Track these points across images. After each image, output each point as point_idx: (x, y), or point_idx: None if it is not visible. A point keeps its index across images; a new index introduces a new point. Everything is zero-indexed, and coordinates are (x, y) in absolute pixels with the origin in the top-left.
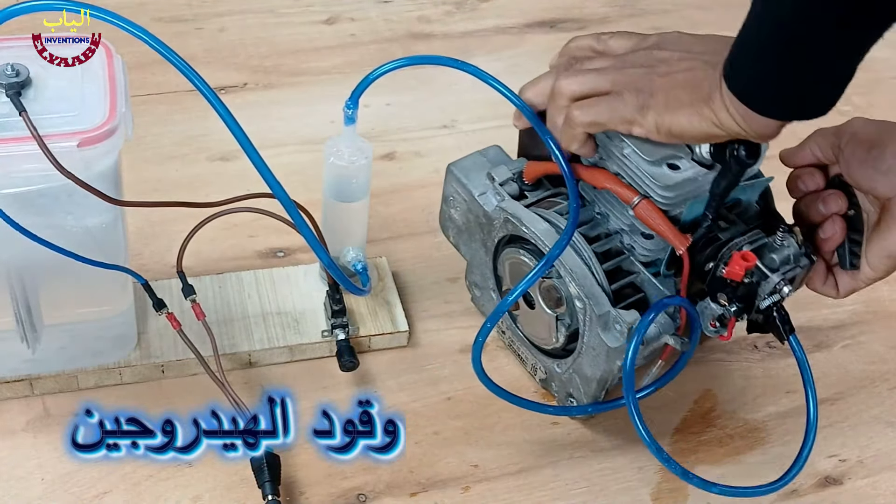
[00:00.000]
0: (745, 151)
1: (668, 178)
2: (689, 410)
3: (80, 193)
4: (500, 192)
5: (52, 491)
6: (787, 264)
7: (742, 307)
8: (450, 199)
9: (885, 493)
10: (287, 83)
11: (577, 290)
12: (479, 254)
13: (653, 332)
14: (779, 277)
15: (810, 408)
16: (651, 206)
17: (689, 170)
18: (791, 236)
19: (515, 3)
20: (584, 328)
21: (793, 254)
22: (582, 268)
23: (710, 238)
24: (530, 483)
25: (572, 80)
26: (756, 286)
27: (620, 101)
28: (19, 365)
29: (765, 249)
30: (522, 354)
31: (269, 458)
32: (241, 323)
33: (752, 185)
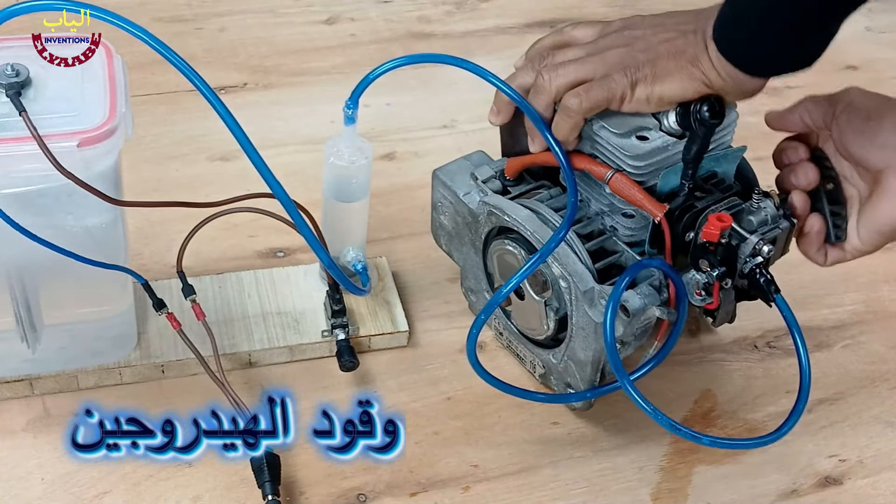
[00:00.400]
0: (708, 111)
1: (638, 148)
2: (689, 410)
3: (80, 193)
4: (483, 189)
5: (52, 491)
6: (764, 225)
7: (724, 271)
8: (438, 205)
9: (885, 493)
10: (287, 83)
11: (560, 270)
12: (470, 256)
13: (637, 303)
14: (757, 238)
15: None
16: (625, 178)
17: (657, 139)
18: (768, 199)
19: (515, 3)
20: (572, 308)
21: (770, 215)
22: (563, 247)
23: (687, 207)
24: (530, 483)
25: (555, 74)
26: (735, 249)
27: (611, 80)
28: (19, 365)
29: (742, 213)
30: (521, 353)
31: (269, 458)
32: (241, 323)
33: (724, 154)
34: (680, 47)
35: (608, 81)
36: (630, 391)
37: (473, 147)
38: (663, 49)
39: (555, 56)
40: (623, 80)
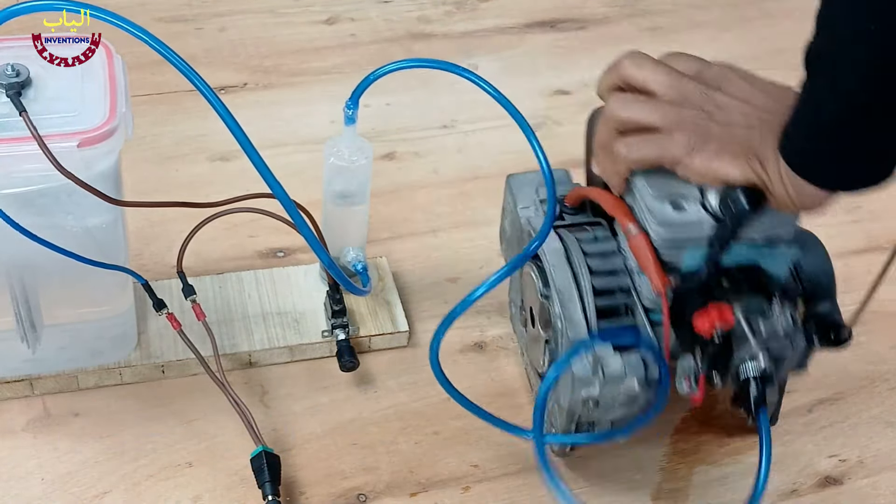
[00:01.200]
0: (745, 198)
1: (666, 214)
2: (689, 410)
3: (81, 193)
4: (539, 208)
5: (52, 491)
6: (773, 335)
7: (712, 366)
8: (505, 209)
9: (885, 493)
10: (287, 83)
11: (559, 310)
12: None
13: (617, 368)
14: (758, 344)
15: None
16: (644, 241)
17: (692, 213)
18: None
19: (515, 3)
20: (559, 353)
21: (784, 327)
22: (571, 291)
23: (703, 291)
24: (530, 483)
25: (622, 106)
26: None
27: (670, 140)
28: (19, 365)
29: (755, 315)
30: (532, 381)
31: (269, 458)
32: (242, 323)
33: (771, 251)
34: (754, 140)
35: (665, 139)
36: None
37: (473, 147)
38: (739, 133)
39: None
40: (683, 142)
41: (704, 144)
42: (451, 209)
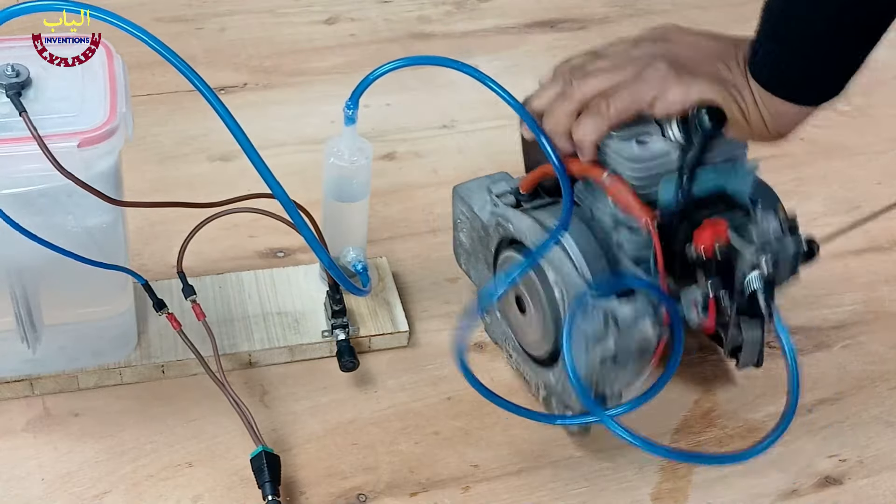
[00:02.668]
0: (707, 115)
1: (636, 151)
2: (689, 410)
3: (81, 194)
4: (496, 202)
5: (52, 491)
6: (765, 241)
7: (719, 284)
8: (457, 221)
9: (885, 493)
10: (287, 83)
11: (553, 277)
12: (484, 273)
13: (628, 313)
14: (755, 249)
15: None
16: (619, 181)
17: (657, 144)
18: (772, 212)
19: (515, 3)
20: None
21: (772, 230)
22: (560, 256)
23: (685, 219)
24: (530, 483)
25: (584, 81)
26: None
27: (641, 80)
28: (19, 365)
29: (743, 226)
30: (527, 376)
31: (269, 458)
32: (242, 323)
33: (733, 169)
34: (721, 71)
35: (638, 82)
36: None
37: (473, 147)
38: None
39: (584, 66)
40: (655, 76)
41: (676, 75)
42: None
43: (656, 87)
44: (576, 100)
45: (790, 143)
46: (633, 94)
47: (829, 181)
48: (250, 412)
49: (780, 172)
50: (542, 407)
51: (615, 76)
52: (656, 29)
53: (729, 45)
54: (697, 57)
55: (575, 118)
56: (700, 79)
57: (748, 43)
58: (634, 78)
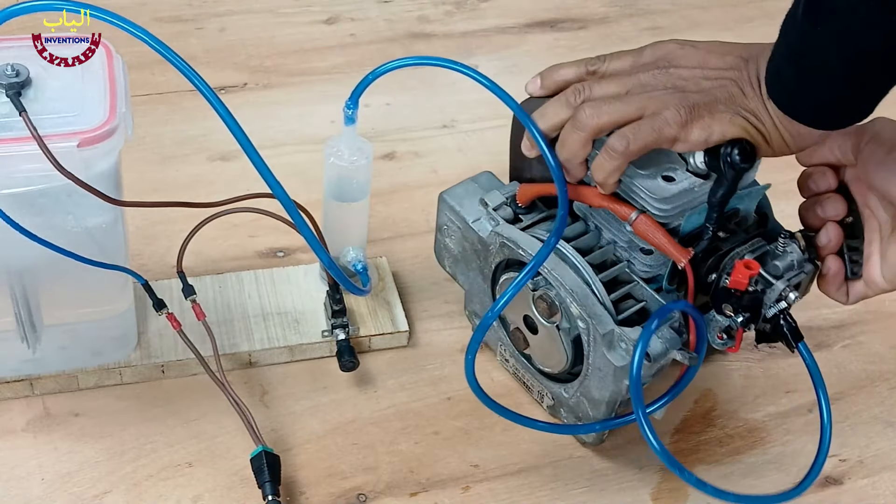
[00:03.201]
0: (739, 155)
1: (664, 190)
2: (689, 410)
3: (81, 193)
4: (494, 217)
5: (52, 491)
6: (790, 270)
7: (749, 317)
8: (444, 227)
9: (885, 493)
10: (287, 83)
11: (578, 311)
12: (477, 282)
13: (659, 347)
14: (784, 284)
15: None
16: (650, 221)
17: (684, 181)
18: (793, 242)
19: (515, 3)
20: (589, 349)
21: (796, 259)
22: (582, 287)
23: (711, 249)
24: (530, 483)
25: (598, 111)
26: (761, 294)
27: (663, 122)
28: (19, 365)
29: (767, 257)
30: (527, 382)
31: (269, 458)
32: (242, 323)
33: (748, 193)
34: (737, 98)
35: (659, 123)
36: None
37: (474, 147)
38: (720, 94)
39: (592, 89)
40: (675, 119)
41: (694, 113)
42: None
43: (676, 128)
44: (589, 130)
45: None
46: (654, 133)
47: None
48: (250, 412)
49: (781, 172)
50: (543, 410)
51: (628, 107)
52: (657, 47)
53: (738, 60)
54: (709, 84)
55: (589, 147)
56: (717, 115)
57: (758, 57)
58: (651, 115)
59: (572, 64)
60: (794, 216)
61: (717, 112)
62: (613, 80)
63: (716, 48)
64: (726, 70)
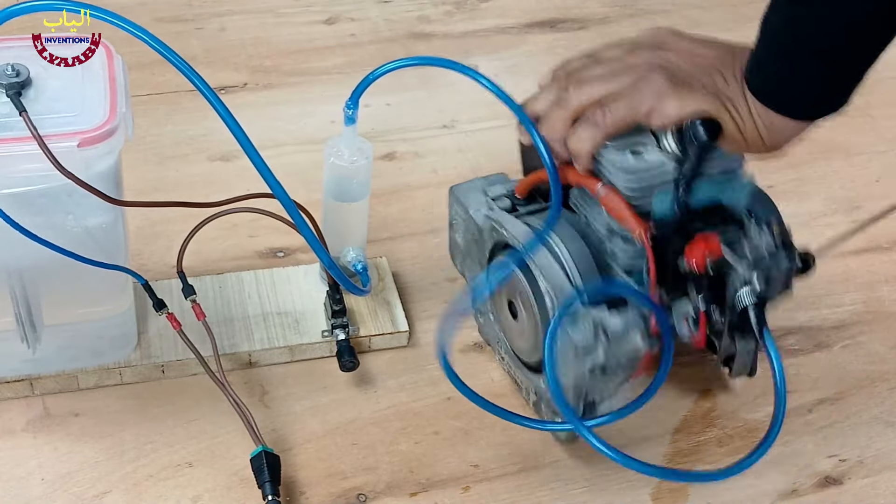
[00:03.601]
0: (704, 130)
1: (629, 162)
2: (689, 410)
3: (81, 193)
4: (492, 205)
5: (52, 491)
6: (759, 258)
7: (710, 300)
8: (453, 222)
9: (885, 493)
10: (287, 83)
11: (545, 284)
12: (479, 275)
13: (618, 324)
14: (748, 265)
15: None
16: (613, 193)
17: (652, 155)
18: (767, 231)
19: (515, 3)
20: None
21: (766, 247)
22: (553, 265)
23: (677, 231)
24: (530, 483)
25: (580, 88)
26: (724, 277)
27: (637, 91)
28: (19, 365)
29: (736, 242)
30: (518, 379)
31: (268, 458)
32: (242, 323)
33: (730, 183)
34: (718, 83)
35: (634, 93)
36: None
37: (473, 147)
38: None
39: (582, 71)
40: (652, 89)
41: (673, 87)
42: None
43: (652, 99)
44: (571, 107)
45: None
46: (630, 106)
47: (829, 181)
48: (250, 412)
49: (781, 172)
50: (532, 411)
51: (611, 84)
52: (653, 33)
53: (727, 53)
54: (694, 68)
55: (571, 125)
56: (696, 92)
57: (746, 52)
58: (631, 88)
59: (579, 55)
60: (794, 215)
61: (696, 89)
62: (604, 62)
63: (708, 41)
64: (713, 58)
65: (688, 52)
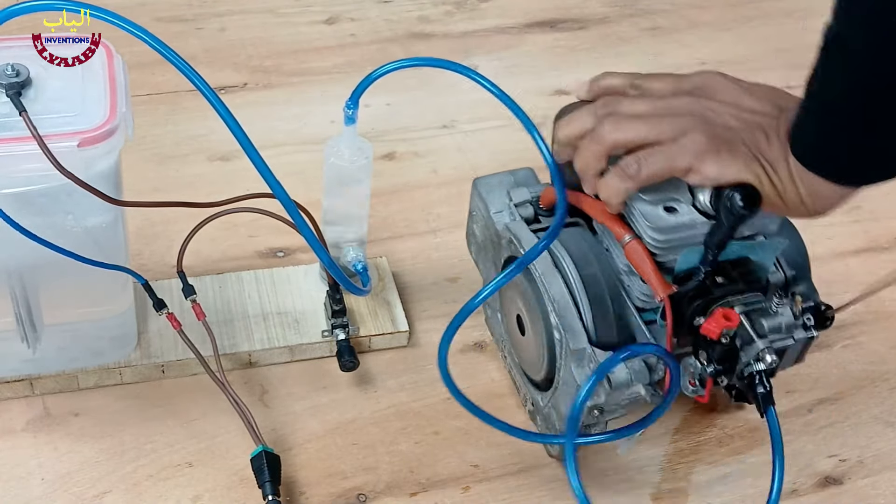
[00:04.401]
0: (741, 199)
1: (661, 219)
2: (689, 410)
3: (81, 192)
4: (514, 212)
5: (52, 491)
6: (777, 332)
7: (721, 369)
8: (473, 213)
9: (885, 493)
10: (287, 83)
11: (555, 321)
12: (491, 272)
13: (623, 377)
14: (764, 344)
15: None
16: (640, 247)
17: (685, 215)
18: (788, 304)
19: (515, 3)
20: (561, 362)
21: (785, 323)
22: (566, 299)
23: (701, 292)
24: (530, 483)
25: (617, 127)
26: (738, 350)
27: (679, 149)
28: (19, 365)
29: (756, 314)
30: (517, 382)
31: (269, 457)
32: (242, 323)
33: (762, 244)
34: (760, 144)
35: (674, 151)
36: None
37: (473, 147)
38: (744, 136)
39: (621, 104)
40: (692, 147)
41: (714, 148)
42: (451, 209)
43: (692, 158)
44: (606, 144)
45: None
46: (667, 161)
47: None
48: (250, 412)
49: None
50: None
51: (651, 131)
52: (703, 75)
53: (773, 110)
54: (738, 124)
55: (604, 161)
56: (737, 155)
57: (794, 107)
58: (671, 142)
59: (622, 75)
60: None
61: (737, 152)
62: (646, 100)
63: (757, 90)
64: (759, 114)
65: (734, 105)
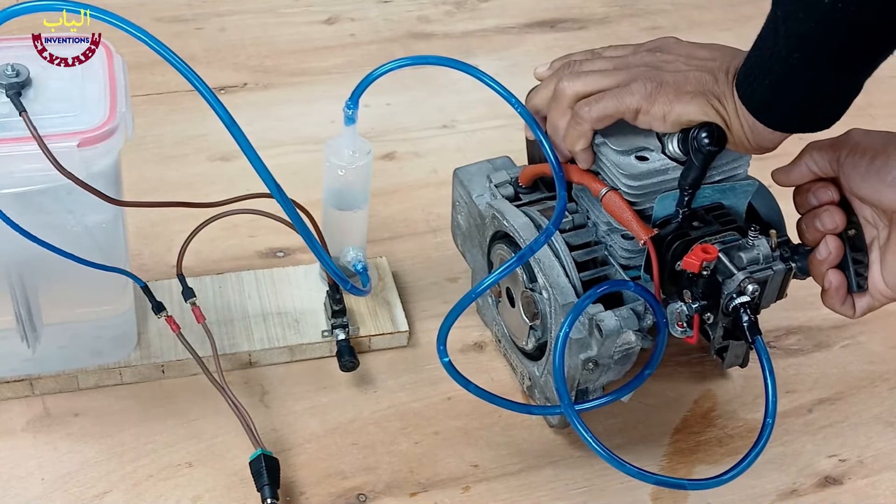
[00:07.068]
0: (707, 137)
1: (634, 167)
2: (689, 410)
3: (80, 191)
4: (494, 192)
5: (52, 491)
6: (755, 264)
7: (706, 304)
8: (456, 203)
9: (885, 493)
10: (287, 83)
11: (543, 280)
12: (479, 259)
13: (612, 324)
14: (744, 275)
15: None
16: (617, 197)
17: (656, 161)
18: (763, 237)
19: (515, 3)
20: (551, 321)
21: (763, 254)
22: (550, 258)
23: (679, 235)
24: (530, 483)
25: (575, 81)
26: (720, 284)
27: (627, 91)
28: (19, 365)
29: (734, 249)
30: (513, 363)
31: (267, 460)
32: (242, 323)
33: (733, 187)
34: (708, 82)
35: (624, 92)
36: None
37: (474, 147)
38: (692, 76)
39: (580, 64)
40: (641, 90)
41: (661, 89)
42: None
43: (641, 100)
44: (567, 97)
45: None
46: (616, 103)
47: None
48: (249, 415)
49: None
50: (524, 396)
51: (604, 80)
52: (659, 39)
53: (726, 56)
54: (688, 69)
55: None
56: (684, 95)
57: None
58: (621, 87)
59: (583, 52)
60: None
61: (683, 91)
62: (604, 58)
63: (712, 45)
64: (709, 60)
65: (686, 55)
